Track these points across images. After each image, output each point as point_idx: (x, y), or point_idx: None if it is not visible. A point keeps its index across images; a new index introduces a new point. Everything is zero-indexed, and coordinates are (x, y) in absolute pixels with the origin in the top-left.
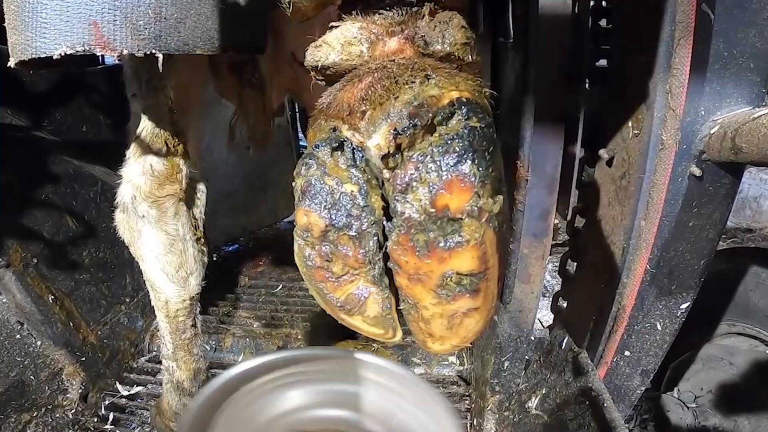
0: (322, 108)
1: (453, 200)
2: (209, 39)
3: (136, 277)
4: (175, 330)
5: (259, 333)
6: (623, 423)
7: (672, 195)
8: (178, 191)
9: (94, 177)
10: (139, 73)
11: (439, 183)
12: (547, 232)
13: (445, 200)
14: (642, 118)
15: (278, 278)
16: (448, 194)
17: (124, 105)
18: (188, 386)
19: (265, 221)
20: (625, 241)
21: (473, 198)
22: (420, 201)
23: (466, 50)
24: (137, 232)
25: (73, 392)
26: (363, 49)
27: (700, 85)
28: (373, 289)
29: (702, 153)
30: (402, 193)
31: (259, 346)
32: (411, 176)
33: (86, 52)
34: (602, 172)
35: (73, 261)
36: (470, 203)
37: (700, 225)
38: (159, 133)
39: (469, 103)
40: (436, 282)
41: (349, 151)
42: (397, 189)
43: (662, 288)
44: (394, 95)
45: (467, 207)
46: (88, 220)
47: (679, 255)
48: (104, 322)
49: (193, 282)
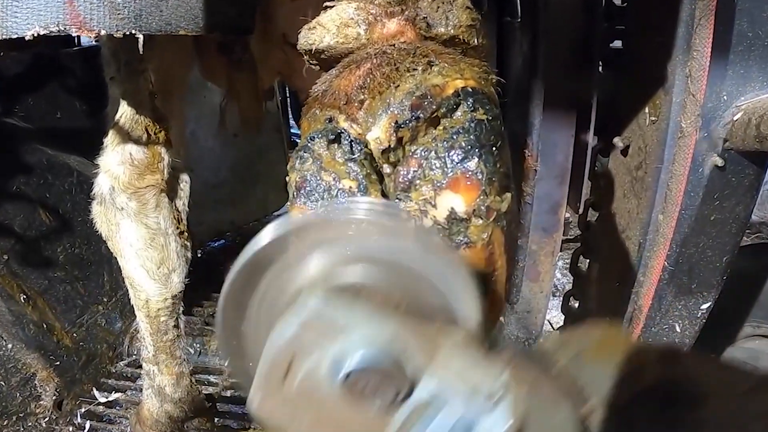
0: (316, 96)
1: (459, 199)
2: (193, 18)
3: (115, 275)
4: (157, 331)
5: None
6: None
7: (692, 187)
8: (159, 182)
9: (69, 167)
10: (118, 54)
11: (443, 181)
12: (557, 226)
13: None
14: (660, 103)
15: None
16: (453, 193)
17: (102, 89)
18: (170, 392)
19: (254, 215)
20: (642, 237)
21: (480, 197)
22: (424, 200)
23: (472, 33)
24: (115, 225)
25: (46, 399)
26: (360, 32)
27: (722, 68)
28: None
29: (724, 141)
30: (404, 191)
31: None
32: (414, 173)
33: (61, 33)
34: (617, 161)
35: (47, 257)
36: (477, 202)
37: (722, 219)
38: (139, 119)
39: (475, 93)
40: None
41: (347, 143)
42: (398, 187)
43: (681, 287)
44: (394, 84)
45: (474, 206)
46: (63, 214)
47: (700, 251)
48: (80, 323)
49: (175, 279)
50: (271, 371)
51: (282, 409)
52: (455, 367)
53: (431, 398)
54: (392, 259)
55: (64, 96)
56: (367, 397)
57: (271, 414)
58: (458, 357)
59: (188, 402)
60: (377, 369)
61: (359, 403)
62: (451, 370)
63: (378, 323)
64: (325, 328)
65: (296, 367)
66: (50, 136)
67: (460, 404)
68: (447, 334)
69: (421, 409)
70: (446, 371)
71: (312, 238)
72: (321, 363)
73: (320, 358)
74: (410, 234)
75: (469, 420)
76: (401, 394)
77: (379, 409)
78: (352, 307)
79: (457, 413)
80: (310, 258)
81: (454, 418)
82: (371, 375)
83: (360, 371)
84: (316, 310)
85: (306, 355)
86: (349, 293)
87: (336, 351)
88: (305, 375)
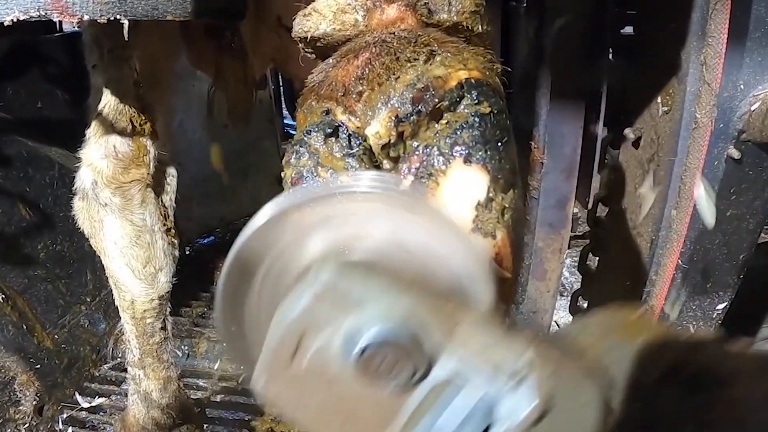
0: (312, 87)
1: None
2: (181, 3)
3: (98, 273)
4: (143, 333)
5: None
6: None
7: (707, 180)
8: (145, 176)
9: (51, 159)
10: (101, 41)
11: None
12: (564, 222)
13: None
14: (673, 93)
15: None
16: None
17: (85, 78)
18: (157, 397)
19: (245, 210)
20: (654, 233)
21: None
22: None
23: (476, 19)
24: (99, 222)
25: (26, 404)
26: (358, 18)
27: (738, 56)
28: None
29: (741, 133)
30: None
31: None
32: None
33: (41, 18)
34: (628, 154)
35: (27, 255)
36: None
37: (739, 214)
38: (123, 109)
39: (479, 85)
40: None
41: (345, 137)
42: None
43: (696, 286)
44: (394, 75)
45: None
46: (44, 209)
47: (715, 249)
48: (62, 324)
49: (162, 279)
50: (280, 348)
51: (289, 389)
52: (476, 345)
53: (451, 377)
54: (403, 237)
55: (45, 85)
56: (382, 376)
57: (277, 395)
58: (479, 334)
59: (176, 408)
60: (394, 344)
61: (373, 382)
62: (471, 348)
63: (395, 297)
64: (340, 301)
65: (307, 342)
66: (30, 127)
67: (482, 383)
68: (466, 311)
69: (440, 389)
70: (467, 349)
71: (316, 214)
72: (333, 339)
73: (333, 333)
74: (421, 210)
75: (491, 400)
76: (418, 373)
77: (395, 389)
78: (368, 280)
79: (478, 393)
80: (314, 236)
81: (475, 398)
82: (387, 351)
83: (376, 346)
84: (329, 281)
85: (318, 329)
86: (362, 264)
87: (351, 325)
88: (316, 351)
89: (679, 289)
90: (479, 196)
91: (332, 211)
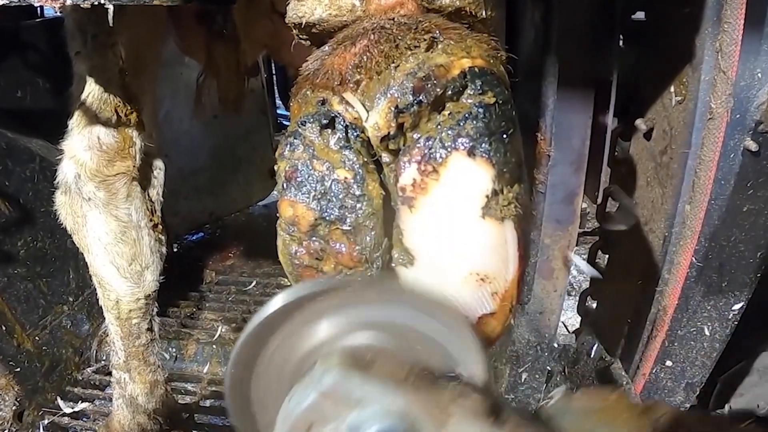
0: (307, 75)
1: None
2: None
3: (81, 272)
4: (128, 335)
5: (228, 339)
6: None
7: (723, 174)
8: (130, 169)
9: (31, 151)
10: (84, 27)
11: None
12: (572, 218)
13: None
14: (687, 81)
15: (251, 273)
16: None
17: (67, 65)
18: (143, 402)
19: (236, 205)
20: (667, 230)
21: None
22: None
23: (479, 4)
24: (82, 217)
25: (5, 409)
26: (355, 3)
27: (756, 43)
28: None
29: (759, 124)
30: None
31: (228, 354)
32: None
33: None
34: (639, 146)
35: (6, 252)
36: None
37: (757, 210)
38: (108, 99)
39: (483, 74)
40: None
41: (342, 129)
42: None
43: (711, 285)
44: (393, 63)
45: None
46: (24, 204)
47: (731, 246)
48: (43, 325)
49: (148, 277)
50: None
51: None
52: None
53: None
54: (396, 322)
55: (26, 73)
56: None
57: None
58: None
59: (163, 413)
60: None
61: None
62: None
63: (391, 396)
64: (343, 399)
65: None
66: (10, 118)
67: None
68: (457, 403)
69: None
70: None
71: (317, 304)
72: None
73: (338, 426)
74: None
75: None
76: None
77: None
78: (367, 381)
79: None
80: (316, 324)
81: None
82: None
83: None
84: (333, 382)
85: (325, 422)
86: (362, 362)
87: (353, 421)
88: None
89: (693, 289)
90: (484, 190)
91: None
